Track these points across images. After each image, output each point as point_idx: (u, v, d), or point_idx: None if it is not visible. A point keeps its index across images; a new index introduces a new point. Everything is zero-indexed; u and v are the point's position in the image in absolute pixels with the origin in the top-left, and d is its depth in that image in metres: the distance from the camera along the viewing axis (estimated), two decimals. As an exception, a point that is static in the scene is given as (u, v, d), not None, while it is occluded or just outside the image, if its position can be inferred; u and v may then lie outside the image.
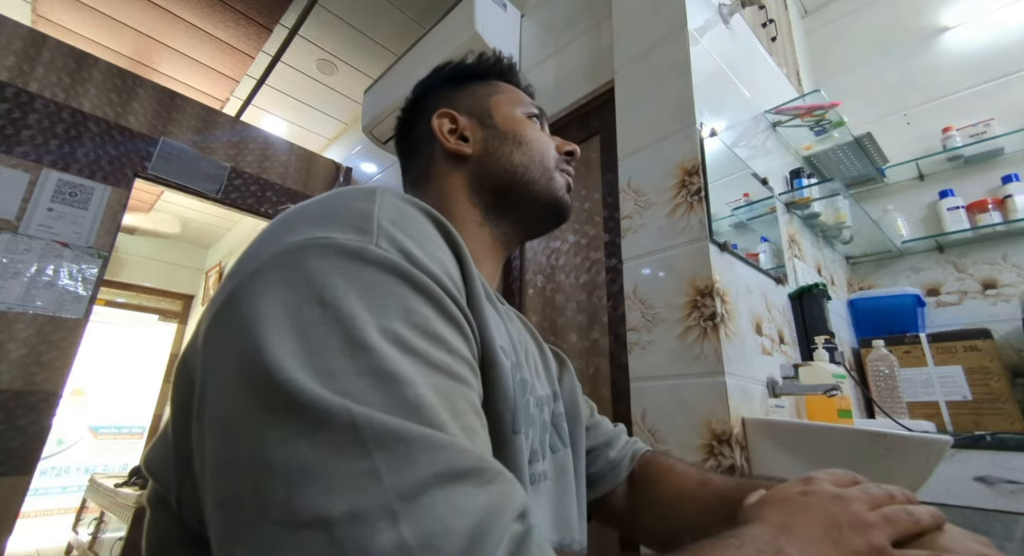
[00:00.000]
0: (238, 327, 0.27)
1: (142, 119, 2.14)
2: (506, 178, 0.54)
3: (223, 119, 2.43)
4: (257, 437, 0.23)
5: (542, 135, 0.58)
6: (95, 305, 1.87)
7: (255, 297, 0.27)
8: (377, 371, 0.25)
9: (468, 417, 0.28)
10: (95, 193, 1.93)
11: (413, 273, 0.30)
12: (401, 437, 0.22)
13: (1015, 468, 0.98)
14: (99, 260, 1.89)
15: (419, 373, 0.26)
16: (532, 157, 0.55)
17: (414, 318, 0.28)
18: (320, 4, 2.21)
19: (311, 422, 0.22)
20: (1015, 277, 1.39)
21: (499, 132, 0.56)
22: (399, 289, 0.29)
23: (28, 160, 1.81)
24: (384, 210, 0.32)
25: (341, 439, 0.22)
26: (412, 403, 0.24)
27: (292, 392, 0.23)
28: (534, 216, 0.56)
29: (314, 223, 0.31)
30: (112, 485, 2.71)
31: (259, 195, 2.47)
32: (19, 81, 1.86)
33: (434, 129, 0.56)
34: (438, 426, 0.24)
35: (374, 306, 0.27)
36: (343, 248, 0.29)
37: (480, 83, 0.61)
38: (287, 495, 0.21)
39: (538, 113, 0.60)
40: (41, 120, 1.87)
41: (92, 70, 2.05)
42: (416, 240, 0.32)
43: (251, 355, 0.25)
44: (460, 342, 0.31)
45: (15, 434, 1.64)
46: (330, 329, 0.25)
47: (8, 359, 1.66)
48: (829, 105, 1.40)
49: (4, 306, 1.68)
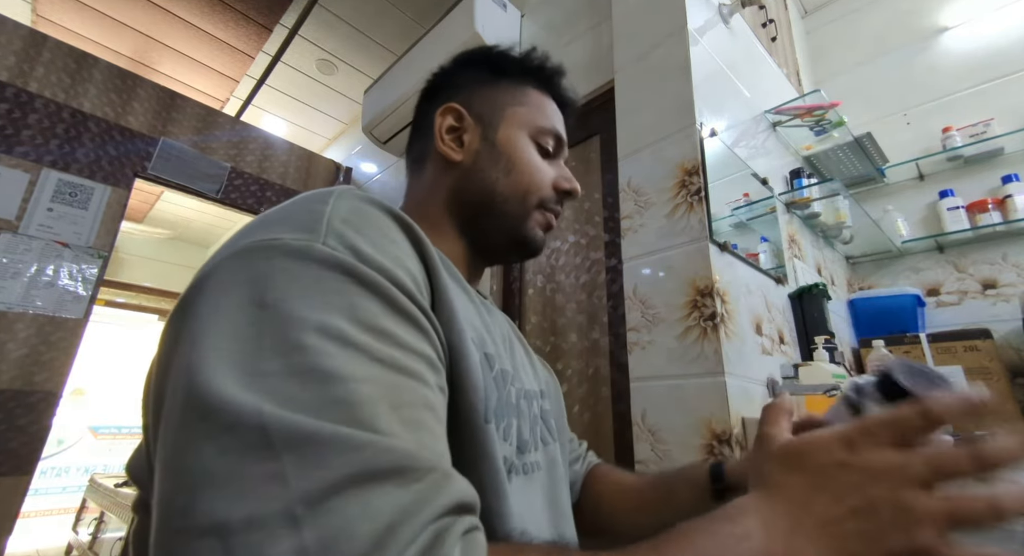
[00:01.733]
0: (183, 333, 0.27)
1: (142, 119, 2.14)
2: (483, 200, 0.51)
3: (223, 119, 2.43)
4: (173, 443, 0.23)
5: (539, 169, 0.53)
6: (95, 305, 1.87)
7: (201, 301, 0.28)
8: (308, 370, 0.24)
9: (413, 410, 0.27)
10: (95, 193, 1.93)
11: (359, 269, 0.29)
12: (311, 438, 0.21)
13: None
14: (99, 260, 1.89)
15: (356, 369, 0.25)
16: (515, 190, 0.51)
17: (358, 314, 0.27)
18: (320, 4, 2.21)
19: (219, 426, 0.22)
20: (1015, 277, 1.39)
21: (494, 151, 0.52)
22: (344, 286, 0.28)
23: (28, 160, 1.81)
24: (337, 209, 0.32)
25: (247, 442, 0.21)
26: (341, 400, 0.23)
27: (207, 397, 0.23)
28: (498, 245, 0.53)
29: (267, 226, 0.31)
30: (112, 485, 2.71)
31: (259, 195, 2.47)
32: (19, 81, 1.86)
33: (434, 123, 0.53)
34: (365, 423, 0.23)
35: (316, 304, 0.27)
36: (288, 248, 0.29)
37: (510, 85, 0.55)
38: (187, 501, 0.21)
39: (552, 145, 0.55)
40: (41, 120, 1.87)
41: (92, 70, 2.05)
42: (368, 237, 0.31)
43: (184, 360, 0.25)
44: (414, 336, 0.30)
45: (15, 434, 1.64)
46: (265, 330, 0.25)
47: (8, 359, 1.66)
48: (829, 105, 1.40)
49: (4, 306, 1.68)
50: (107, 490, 2.74)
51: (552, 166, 0.55)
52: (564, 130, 0.57)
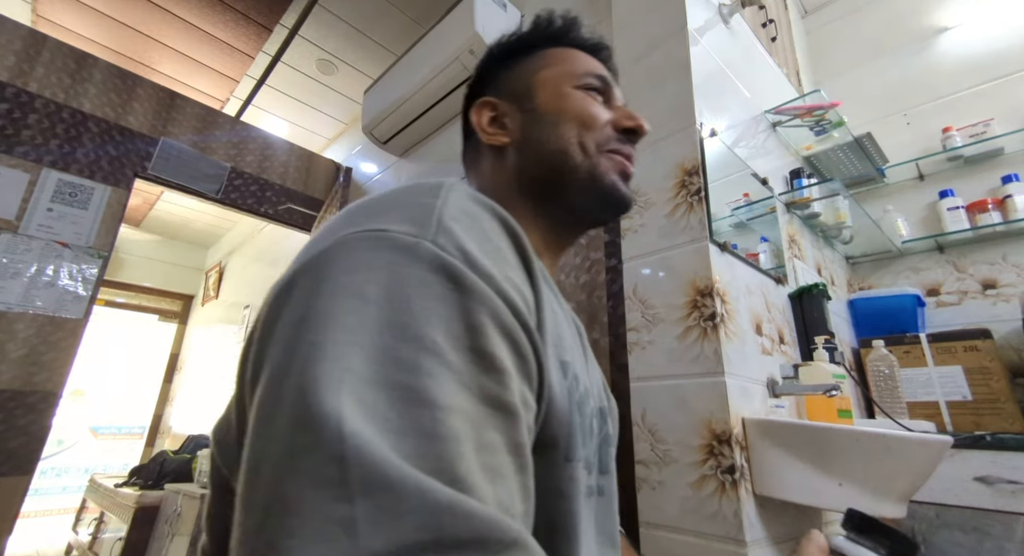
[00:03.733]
0: (283, 318, 0.26)
1: (142, 119, 2.14)
2: (546, 166, 0.48)
3: (223, 119, 2.43)
4: (255, 443, 0.22)
5: (590, 111, 0.49)
6: (95, 305, 1.87)
7: (303, 286, 0.27)
8: (396, 384, 0.22)
9: (496, 455, 0.24)
10: (95, 193, 1.93)
11: (468, 277, 0.27)
12: (392, 486, 0.19)
13: (1015, 468, 0.98)
14: (99, 260, 1.89)
15: (447, 394, 0.23)
16: (570, 138, 0.47)
17: (457, 328, 0.25)
18: (320, 4, 2.21)
19: (302, 439, 0.20)
20: (1015, 277, 1.39)
21: (538, 115, 0.49)
22: (448, 294, 0.26)
23: (28, 160, 1.81)
24: (448, 206, 0.30)
25: (325, 473, 0.19)
26: (426, 430, 0.21)
27: (296, 402, 0.21)
28: (585, 207, 0.49)
29: (373, 215, 0.29)
30: (112, 485, 2.71)
31: (259, 195, 2.47)
32: (19, 81, 1.86)
33: (472, 123, 0.52)
34: (447, 468, 0.21)
35: (416, 310, 0.25)
36: (395, 242, 0.27)
37: (529, 57, 0.53)
38: (259, 521, 0.20)
39: (597, 84, 0.51)
40: (41, 120, 1.87)
41: (92, 70, 2.05)
42: (479, 241, 0.29)
43: (281, 352, 0.24)
44: (512, 362, 0.27)
45: (15, 434, 1.64)
46: (361, 329, 0.24)
47: (8, 359, 1.66)
48: (829, 105, 1.40)
49: (4, 306, 1.68)
50: (107, 490, 2.74)
51: (607, 108, 0.51)
52: (605, 71, 0.53)
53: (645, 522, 0.91)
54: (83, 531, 2.90)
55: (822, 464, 0.79)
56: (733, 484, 0.81)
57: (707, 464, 0.85)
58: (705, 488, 0.84)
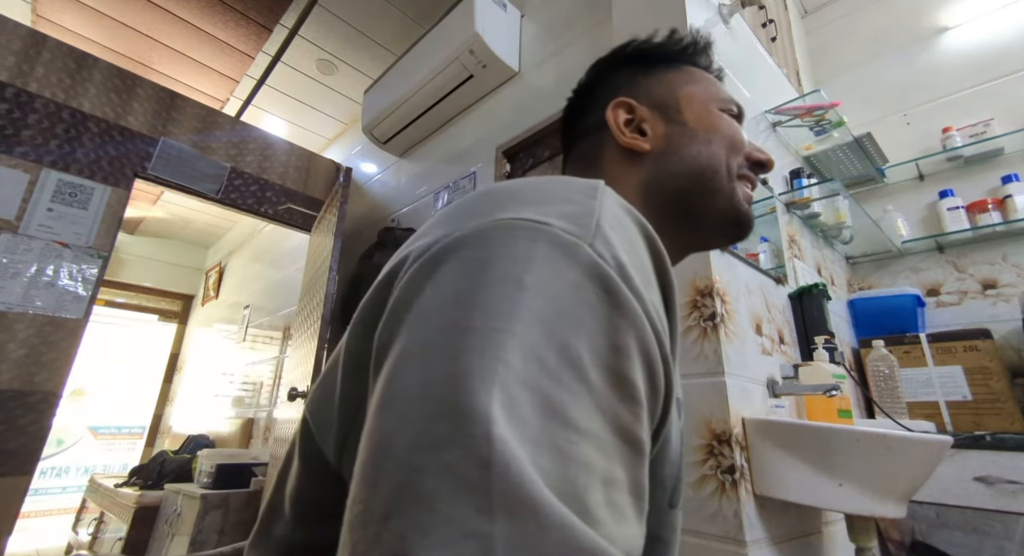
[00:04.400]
0: (439, 295, 0.25)
1: (142, 119, 2.14)
2: (691, 180, 0.47)
3: (223, 119, 2.43)
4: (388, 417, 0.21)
5: (740, 135, 0.49)
6: (95, 305, 1.87)
7: (455, 269, 0.25)
8: (543, 393, 0.21)
9: (621, 493, 0.22)
10: (95, 193, 1.93)
11: (621, 290, 0.25)
12: (536, 513, 0.18)
13: (1015, 468, 0.98)
14: (99, 260, 1.89)
15: (585, 417, 0.21)
16: (720, 160, 0.47)
17: (600, 344, 0.24)
18: (320, 4, 2.21)
19: (449, 430, 0.19)
20: (1015, 277, 1.39)
21: (688, 129, 0.48)
22: (599, 305, 0.24)
23: (28, 160, 1.81)
24: (605, 210, 0.29)
25: (468, 475, 0.18)
26: (564, 452, 0.20)
27: (452, 386, 0.20)
28: (713, 228, 0.48)
29: (526, 203, 0.28)
30: (112, 485, 2.71)
31: (259, 195, 2.47)
32: (19, 81, 1.86)
33: (608, 120, 0.49)
34: (579, 498, 0.20)
35: (566, 315, 0.23)
36: (556, 239, 0.25)
37: (669, 69, 0.52)
38: (386, 510, 0.18)
39: (736, 112, 0.51)
40: (41, 120, 1.87)
41: (92, 70, 2.05)
42: (629, 255, 0.28)
43: (438, 329, 0.23)
44: (646, 392, 0.25)
45: (15, 434, 1.64)
46: (515, 319, 0.22)
47: (8, 359, 1.66)
48: (829, 105, 1.40)
49: (4, 306, 1.68)
50: (107, 490, 2.74)
51: None
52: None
53: (645, 522, 0.91)
54: (83, 531, 2.90)
55: (822, 464, 0.79)
56: (733, 484, 0.81)
57: (707, 464, 0.85)
58: (705, 488, 0.84)
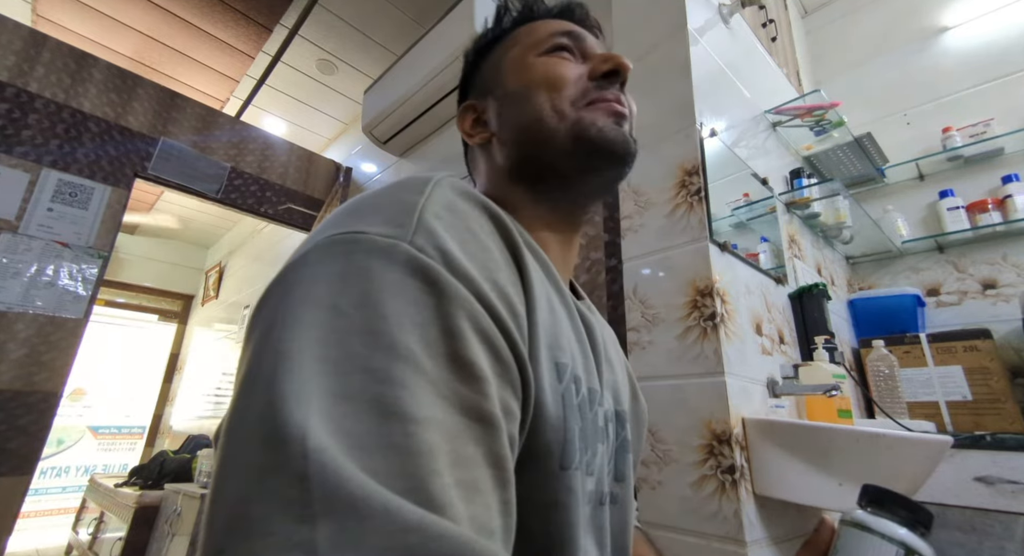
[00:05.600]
0: (261, 329, 0.25)
1: (142, 119, 2.14)
2: (524, 145, 0.45)
3: (223, 119, 2.43)
4: (223, 451, 0.22)
5: (555, 71, 0.45)
6: (95, 305, 1.87)
7: (281, 295, 0.26)
8: (367, 397, 0.21)
9: (473, 469, 0.23)
10: (95, 193, 1.93)
11: (444, 278, 0.26)
12: (356, 506, 0.18)
13: (1015, 468, 0.98)
14: (99, 260, 1.89)
15: (421, 405, 0.22)
16: (541, 107, 0.43)
17: (433, 334, 0.24)
18: (320, 4, 2.21)
19: (268, 457, 0.19)
20: (1015, 277, 1.39)
21: (509, 96, 0.46)
22: (424, 298, 0.25)
23: (28, 160, 1.81)
24: (431, 201, 0.29)
25: (286, 492, 0.18)
26: (398, 445, 0.20)
27: (268, 412, 0.20)
28: (580, 169, 0.44)
29: (356, 215, 0.28)
30: (112, 485, 2.72)
31: (259, 195, 2.47)
32: (19, 81, 1.86)
33: (459, 130, 0.50)
34: (418, 486, 0.20)
35: (389, 316, 0.23)
36: (371, 245, 0.26)
37: (497, 48, 0.50)
38: (221, 526, 0.19)
39: (564, 42, 0.47)
40: (41, 120, 1.87)
41: (92, 70, 2.05)
42: (460, 238, 0.28)
43: (255, 365, 0.23)
44: (492, 369, 0.26)
45: (15, 434, 1.64)
46: (332, 340, 0.23)
47: (8, 359, 1.66)
48: (829, 105, 1.40)
49: (4, 306, 1.68)
50: (107, 490, 2.74)
51: (582, 64, 0.47)
52: (571, 26, 0.49)
53: (645, 522, 0.91)
54: (83, 531, 2.90)
55: (822, 464, 0.79)
56: (733, 484, 0.81)
57: (707, 464, 0.85)
58: (705, 488, 0.84)
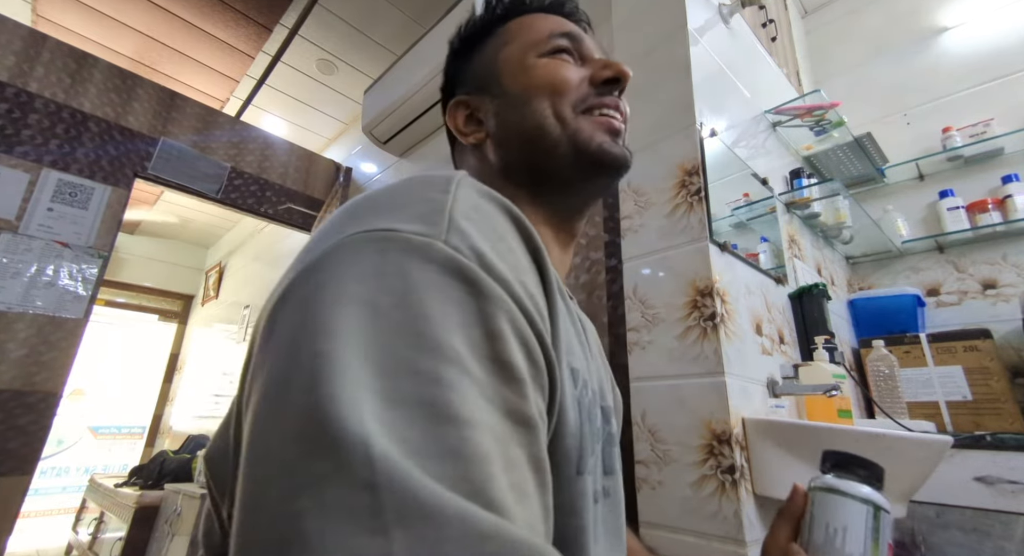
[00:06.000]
0: (285, 332, 0.24)
1: (142, 119, 2.14)
2: (526, 150, 0.45)
3: (223, 119, 2.43)
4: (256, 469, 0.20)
5: (559, 75, 0.45)
6: (95, 305, 1.87)
7: (303, 299, 0.24)
8: (419, 401, 0.20)
9: (520, 471, 0.22)
10: (95, 193, 1.93)
11: (484, 280, 0.25)
12: (431, 514, 0.17)
13: (1015, 468, 0.98)
14: (99, 260, 1.89)
15: (472, 409, 0.21)
16: (544, 113, 0.44)
17: (477, 335, 0.23)
18: (320, 4, 2.21)
19: (323, 465, 0.18)
20: (1015, 277, 1.39)
21: (509, 98, 0.46)
22: (465, 298, 0.24)
23: (28, 160, 1.81)
24: (459, 202, 0.28)
25: (353, 503, 0.17)
26: (456, 451, 0.19)
27: (316, 421, 0.19)
28: (578, 179, 0.45)
29: (379, 212, 0.27)
30: (112, 485, 2.72)
31: (259, 195, 2.47)
32: (19, 81, 1.86)
33: (449, 127, 0.49)
34: (480, 491, 0.19)
35: (432, 317, 0.23)
36: (406, 244, 0.25)
37: (489, 41, 0.49)
38: (273, 551, 0.17)
39: (564, 44, 0.46)
40: (41, 120, 1.87)
41: (92, 70, 2.05)
42: (492, 240, 0.27)
43: (296, 360, 0.22)
44: (529, 371, 0.25)
45: (15, 434, 1.64)
46: (375, 342, 0.21)
47: (8, 359, 1.66)
48: (829, 105, 1.40)
49: (4, 306, 1.68)
50: (107, 490, 2.74)
51: (581, 67, 0.47)
52: (571, 26, 0.48)
53: (645, 522, 0.91)
54: (83, 531, 2.90)
55: (822, 464, 0.78)
56: (733, 484, 0.81)
57: (707, 464, 0.85)
58: (705, 488, 0.84)
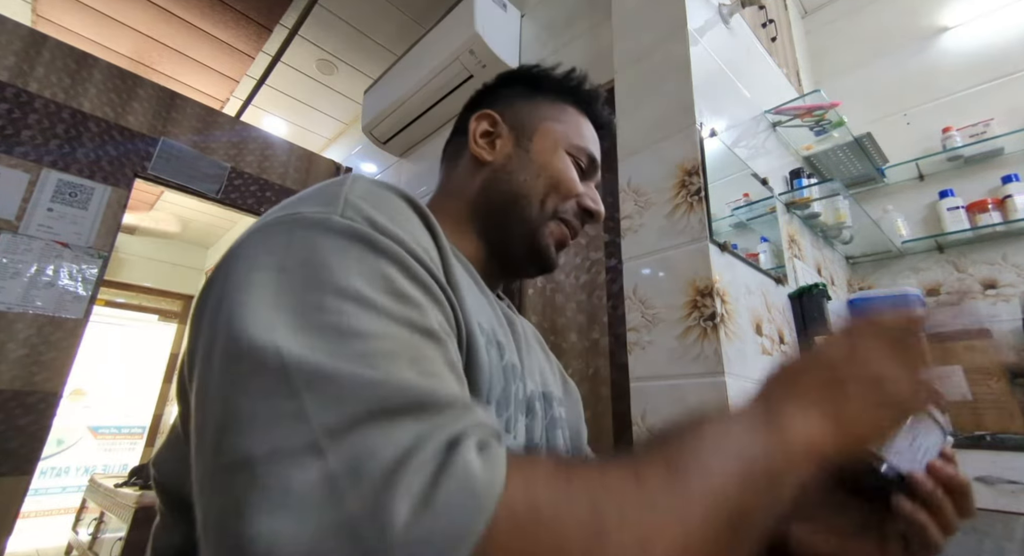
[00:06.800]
0: (212, 296, 0.29)
1: (142, 119, 2.14)
2: (507, 201, 0.51)
3: (223, 119, 2.43)
4: (204, 385, 0.25)
5: (568, 177, 0.52)
6: (95, 305, 1.87)
7: (229, 270, 0.29)
8: (328, 327, 0.24)
9: (434, 365, 0.26)
10: (95, 193, 1.93)
11: (376, 238, 0.30)
12: (330, 378, 0.22)
13: (1015, 468, 0.98)
14: (99, 260, 1.89)
15: (376, 327, 0.25)
16: (539, 191, 0.51)
17: (377, 278, 0.28)
18: (320, 4, 2.21)
19: (244, 369, 0.23)
20: (1015, 277, 1.39)
21: (526, 158, 0.52)
22: (362, 254, 0.29)
23: (28, 160, 1.81)
24: (354, 188, 0.33)
25: (270, 383, 0.22)
26: (360, 353, 0.24)
27: (236, 342, 0.24)
28: (515, 253, 0.52)
29: (287, 206, 0.33)
30: (112, 485, 2.71)
31: (259, 195, 2.47)
32: (19, 81, 1.86)
33: (469, 126, 0.54)
34: (382, 368, 0.24)
35: (335, 269, 0.27)
36: (307, 220, 0.30)
37: (547, 100, 0.56)
38: (217, 440, 0.22)
39: (585, 162, 0.54)
40: (41, 120, 1.87)
41: (92, 70, 2.05)
42: (385, 212, 0.32)
43: (213, 317, 0.27)
44: (426, 298, 0.30)
45: (15, 434, 1.63)
46: (286, 291, 0.26)
47: (8, 359, 1.66)
48: (829, 105, 1.40)
49: (4, 306, 1.67)
50: (107, 490, 2.74)
51: (582, 183, 0.54)
52: (598, 153, 0.57)
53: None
54: (83, 531, 2.90)
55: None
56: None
57: (707, 464, 0.85)
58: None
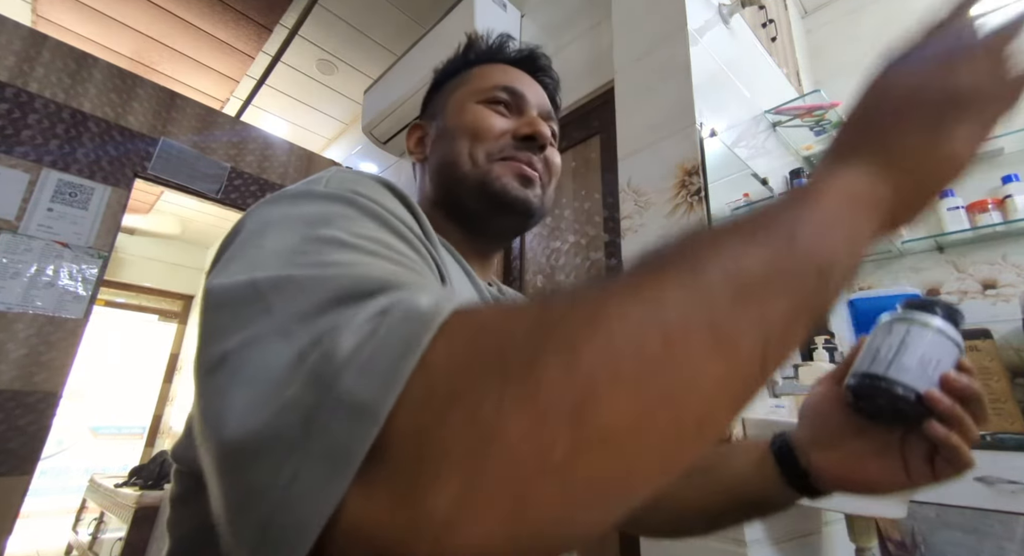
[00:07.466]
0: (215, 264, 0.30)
1: (142, 119, 2.14)
2: (441, 178, 0.51)
3: (223, 119, 2.43)
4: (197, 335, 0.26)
5: (483, 123, 0.50)
6: (95, 305, 1.87)
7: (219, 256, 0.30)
8: (308, 262, 0.25)
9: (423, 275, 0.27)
10: (95, 193, 1.93)
11: (361, 200, 0.30)
12: (294, 280, 0.23)
13: (1015, 468, 0.98)
14: (99, 260, 1.89)
15: (356, 259, 0.25)
16: (460, 152, 0.49)
17: (355, 229, 0.28)
18: (320, 4, 2.21)
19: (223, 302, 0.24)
20: (1015, 277, 1.39)
21: (444, 130, 0.52)
22: (346, 211, 0.29)
23: (28, 160, 1.81)
24: (334, 175, 0.34)
25: (240, 297, 0.23)
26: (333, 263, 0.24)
27: (217, 293, 0.25)
28: (482, 215, 0.50)
29: (278, 193, 0.34)
30: (112, 485, 2.71)
31: (259, 195, 2.47)
32: (19, 81, 1.86)
33: (406, 144, 0.57)
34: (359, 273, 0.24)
35: (315, 222, 0.27)
36: (291, 193, 0.31)
37: (456, 77, 0.55)
38: (199, 352, 0.24)
39: (503, 96, 0.51)
40: (41, 120, 1.87)
41: (92, 70, 2.05)
42: (367, 189, 0.33)
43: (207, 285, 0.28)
44: (405, 247, 0.30)
45: (15, 434, 1.64)
46: (267, 242, 0.27)
47: (8, 359, 1.66)
48: (829, 105, 1.40)
49: (4, 306, 1.68)
50: (107, 490, 2.74)
51: (513, 120, 0.51)
52: (520, 83, 0.53)
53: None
54: (83, 531, 2.90)
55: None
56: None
57: (707, 464, 0.85)
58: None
